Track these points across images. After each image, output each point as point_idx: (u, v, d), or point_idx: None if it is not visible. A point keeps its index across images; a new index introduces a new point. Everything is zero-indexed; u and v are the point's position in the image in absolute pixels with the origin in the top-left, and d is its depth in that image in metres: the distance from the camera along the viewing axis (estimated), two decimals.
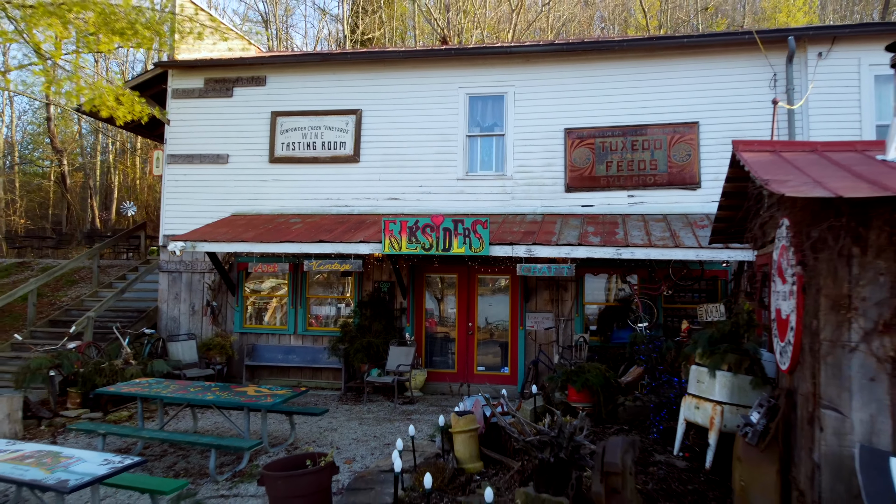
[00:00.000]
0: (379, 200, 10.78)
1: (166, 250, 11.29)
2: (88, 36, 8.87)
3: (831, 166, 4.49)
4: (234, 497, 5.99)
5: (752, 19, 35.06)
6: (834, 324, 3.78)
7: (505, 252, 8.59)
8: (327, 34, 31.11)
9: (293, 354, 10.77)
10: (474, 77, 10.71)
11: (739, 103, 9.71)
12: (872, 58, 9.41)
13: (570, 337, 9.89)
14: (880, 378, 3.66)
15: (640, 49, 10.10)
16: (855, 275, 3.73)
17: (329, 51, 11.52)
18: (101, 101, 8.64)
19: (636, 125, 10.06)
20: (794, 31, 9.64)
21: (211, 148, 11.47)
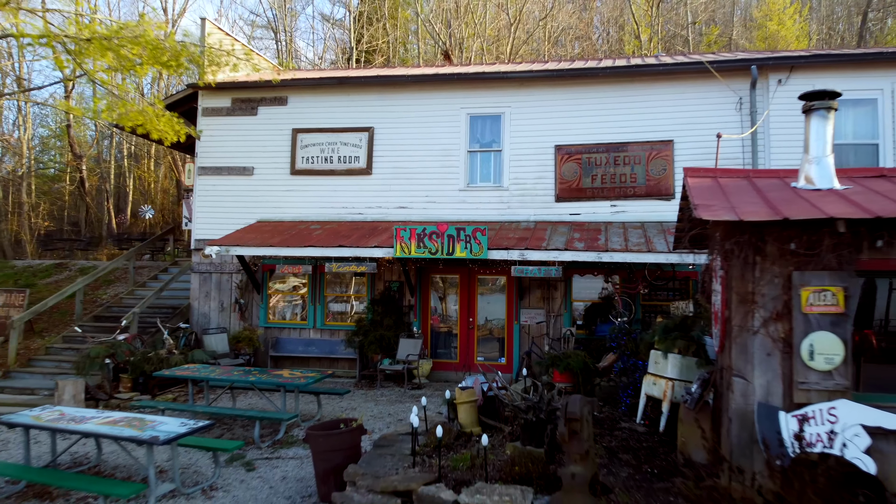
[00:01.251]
0: (389, 209, 12.07)
1: (198, 253, 12.60)
2: (137, 66, 10.14)
3: (751, 192, 5.77)
4: (275, 459, 7.29)
5: (744, 28, 36.33)
6: (742, 314, 5.07)
7: (501, 256, 9.87)
8: (334, 45, 32.36)
9: (313, 346, 12.06)
10: (474, 98, 11.99)
11: (710, 123, 10.95)
12: (826, 83, 10.63)
13: (559, 330, 11.17)
14: (774, 354, 4.95)
15: (621, 75, 11.38)
16: (756, 277, 5.02)
17: (344, 74, 12.73)
18: (151, 125, 9.94)
19: (618, 143, 11.34)
20: (757, 60, 10.91)
21: (238, 161, 12.75)
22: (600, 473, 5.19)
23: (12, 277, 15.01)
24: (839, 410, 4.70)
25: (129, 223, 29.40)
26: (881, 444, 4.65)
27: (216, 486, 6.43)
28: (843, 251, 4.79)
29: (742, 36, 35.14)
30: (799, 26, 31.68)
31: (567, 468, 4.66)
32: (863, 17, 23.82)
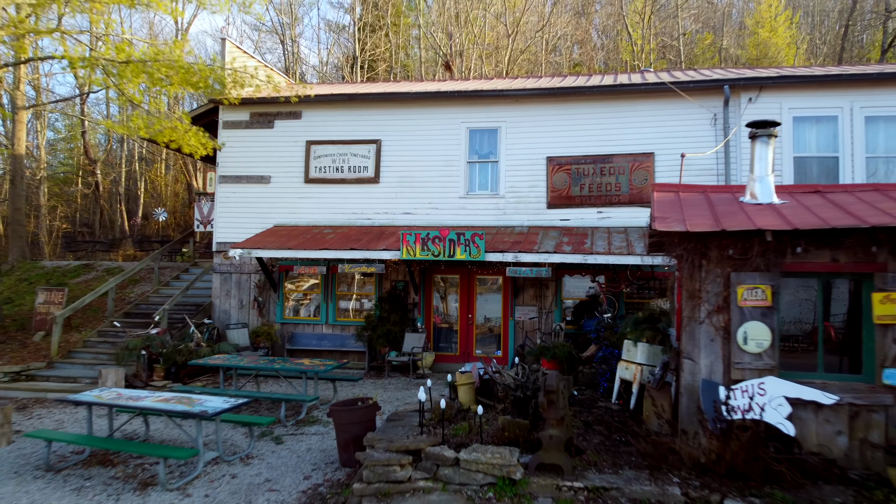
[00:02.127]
0: (395, 215, 13.17)
1: (219, 255, 13.72)
2: (168, 85, 11.25)
3: (704, 206, 6.88)
4: (299, 434, 8.41)
5: (734, 36, 37.39)
6: (690, 307, 6.18)
7: (497, 258, 10.98)
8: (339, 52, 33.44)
9: (325, 340, 13.17)
10: (473, 113, 13.10)
11: (687, 137, 12.07)
12: (791, 102, 11.82)
13: (550, 325, 12.27)
14: (716, 340, 6.05)
15: (607, 93, 12.49)
16: (702, 277, 6.13)
17: (354, 91, 13.78)
18: (183, 140, 11.06)
19: (604, 154, 12.45)
20: (730, 80, 12.01)
21: (256, 170, 13.86)
22: (575, 438, 6.30)
23: (44, 277, 16.11)
24: (767, 385, 5.81)
25: (140, 225, 30.51)
26: (800, 411, 5.77)
27: (252, 456, 7.55)
28: (770, 256, 5.91)
29: (735, 43, 36.26)
30: (790, 33, 32.75)
31: (546, 431, 5.76)
32: (844, 30, 24.91)
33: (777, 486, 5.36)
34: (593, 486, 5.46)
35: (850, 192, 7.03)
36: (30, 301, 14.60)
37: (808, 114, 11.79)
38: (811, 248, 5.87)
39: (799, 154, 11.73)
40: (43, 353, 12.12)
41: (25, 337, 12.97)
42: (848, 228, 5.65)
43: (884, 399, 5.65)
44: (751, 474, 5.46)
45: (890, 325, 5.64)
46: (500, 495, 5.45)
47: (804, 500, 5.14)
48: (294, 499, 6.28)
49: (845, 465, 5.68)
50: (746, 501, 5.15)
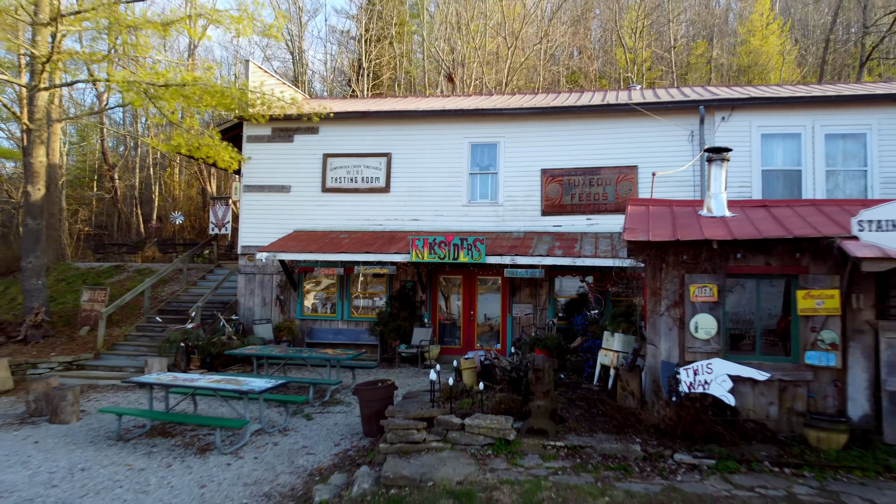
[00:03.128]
0: (404, 221, 14.55)
1: (243, 257, 15.10)
2: (203, 106, 12.63)
3: (667, 218, 8.25)
4: (326, 413, 9.79)
5: (725, 45, 38.65)
6: (653, 302, 7.55)
7: (496, 260, 12.36)
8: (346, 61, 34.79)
9: (341, 335, 14.54)
10: (475, 129, 14.48)
11: (667, 151, 13.43)
12: (759, 121, 13.18)
13: (544, 321, 13.65)
14: (673, 329, 7.43)
15: (595, 112, 13.86)
16: (662, 277, 7.50)
17: (366, 108, 15.09)
18: (218, 156, 12.45)
19: (593, 167, 13.82)
20: (704, 101, 13.36)
21: (277, 180, 15.24)
22: (559, 410, 7.67)
23: (80, 278, 17.49)
24: (714, 365, 7.18)
25: (155, 228, 31.89)
26: (739, 386, 7.14)
27: (288, 429, 8.93)
28: (717, 260, 7.29)
29: (727, 51, 37.57)
30: (780, 42, 34.07)
31: (534, 402, 7.14)
32: (825, 45, 26.26)
33: (718, 444, 6.74)
34: (572, 444, 6.84)
35: (790, 207, 8.41)
36: (71, 299, 15.99)
37: (774, 131, 13.16)
38: (749, 255, 7.25)
39: (767, 167, 13.10)
40: (89, 345, 13.50)
41: (72, 331, 14.35)
42: (777, 239, 7.03)
43: (806, 375, 7.03)
44: (697, 435, 6.84)
45: (810, 316, 7.01)
46: (497, 452, 6.83)
47: (737, 453, 6.52)
48: (328, 460, 7.67)
49: (774, 429, 7.06)
50: (692, 454, 6.53)
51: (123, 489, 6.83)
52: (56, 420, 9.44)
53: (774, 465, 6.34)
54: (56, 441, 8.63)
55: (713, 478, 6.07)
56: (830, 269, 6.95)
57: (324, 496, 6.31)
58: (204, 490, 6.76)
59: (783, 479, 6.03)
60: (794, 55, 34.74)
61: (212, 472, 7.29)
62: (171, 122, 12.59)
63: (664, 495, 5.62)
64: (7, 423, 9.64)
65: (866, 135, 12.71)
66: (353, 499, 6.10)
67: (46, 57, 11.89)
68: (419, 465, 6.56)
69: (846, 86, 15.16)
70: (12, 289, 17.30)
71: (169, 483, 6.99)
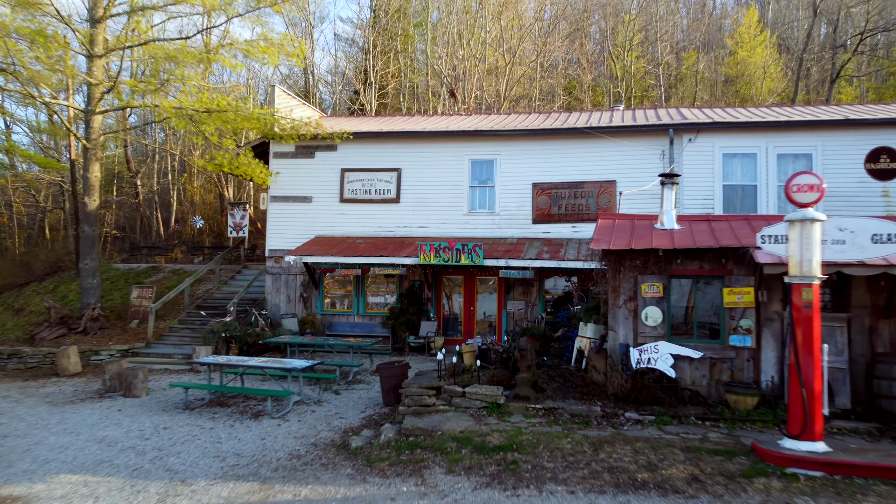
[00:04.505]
0: (412, 228, 16.58)
1: (271, 259, 17.14)
2: (238, 129, 14.67)
3: (628, 230, 10.27)
4: (350, 389, 11.83)
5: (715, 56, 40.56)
6: (614, 297, 9.58)
7: (493, 263, 14.38)
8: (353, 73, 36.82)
9: (357, 327, 16.58)
10: (475, 148, 16.51)
11: (641, 168, 15.43)
12: (721, 142, 15.19)
13: (534, 315, 15.68)
14: (629, 318, 9.46)
15: (580, 133, 15.88)
16: (621, 277, 9.54)
17: (379, 129, 17.01)
18: (254, 173, 14.50)
19: (577, 181, 15.85)
20: (674, 125, 15.38)
21: (300, 192, 17.29)
22: (540, 382, 9.71)
23: (122, 278, 19.52)
24: (660, 346, 9.21)
25: (176, 231, 33.93)
26: (679, 362, 9.17)
27: (321, 401, 10.96)
28: (662, 264, 9.32)
29: (716, 60, 39.51)
30: (767, 53, 36.01)
31: (520, 375, 9.18)
32: (799, 62, 28.26)
33: (660, 406, 8.77)
34: (548, 407, 8.88)
35: (727, 221, 10.44)
36: (117, 296, 18.03)
37: (734, 151, 15.18)
38: (687, 260, 9.29)
39: (727, 183, 15.12)
40: (140, 336, 15.54)
41: (124, 324, 16.39)
42: (708, 248, 9.06)
43: (730, 354, 9.06)
44: (644, 400, 8.88)
45: (733, 308, 9.04)
46: (490, 412, 8.87)
47: (673, 412, 8.56)
48: (357, 421, 9.71)
49: (705, 395, 9.09)
50: (638, 413, 8.57)
51: (202, 441, 8.87)
52: (129, 394, 11.49)
53: (700, 419, 8.38)
54: (135, 409, 10.68)
55: (651, 428, 8.12)
56: (748, 271, 8.98)
57: (358, 443, 8.34)
58: (264, 441, 8.80)
59: (703, 429, 8.07)
60: (781, 66, 36.63)
61: (267, 430, 9.33)
62: (210, 143, 14.62)
63: (611, 437, 7.66)
64: (89, 397, 11.70)
65: (812, 154, 14.73)
66: (381, 444, 8.13)
67: (109, 86, 13.95)
68: (430, 421, 8.60)
69: (797, 109, 17.14)
70: (61, 287, 19.36)
71: (236, 436, 9.03)
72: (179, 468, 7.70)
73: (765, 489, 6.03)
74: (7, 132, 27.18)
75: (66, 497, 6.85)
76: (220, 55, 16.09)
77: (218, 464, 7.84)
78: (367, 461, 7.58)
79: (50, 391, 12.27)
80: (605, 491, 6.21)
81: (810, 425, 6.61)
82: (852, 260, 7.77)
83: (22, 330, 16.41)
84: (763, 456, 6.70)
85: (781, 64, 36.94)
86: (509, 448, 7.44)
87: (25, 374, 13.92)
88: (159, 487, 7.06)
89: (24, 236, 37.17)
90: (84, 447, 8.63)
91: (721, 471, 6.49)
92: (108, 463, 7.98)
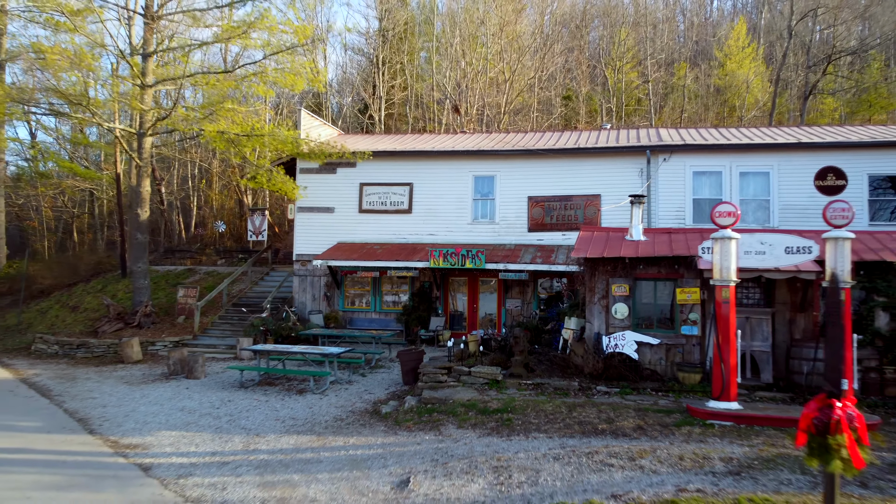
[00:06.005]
0: (423, 235, 18.91)
1: (298, 262, 19.48)
2: (272, 150, 17.00)
3: (603, 241, 12.58)
4: (374, 373, 14.17)
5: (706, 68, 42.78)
6: (590, 295, 11.91)
7: (493, 266, 16.70)
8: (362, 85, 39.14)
9: (374, 323, 18.91)
10: (477, 165, 18.84)
11: (622, 184, 17.71)
12: (692, 162, 17.50)
13: (529, 312, 17.99)
14: (602, 313, 11.79)
15: (569, 153, 18.19)
16: (596, 279, 11.86)
17: (393, 149, 19.27)
18: (287, 189, 16.84)
19: (567, 195, 18.16)
20: (649, 146, 17.68)
21: (323, 203, 19.62)
22: (531, 364, 12.03)
23: (162, 279, 21.86)
24: (626, 335, 11.53)
25: (199, 234, 36.28)
26: (641, 347, 11.49)
27: (352, 381, 13.29)
28: (628, 269, 11.65)
29: (705, 72, 41.76)
30: (754, 65, 38.24)
31: (514, 358, 11.51)
32: (776, 80, 30.54)
33: (625, 382, 11.09)
34: (536, 382, 11.21)
35: (684, 234, 12.76)
36: (161, 295, 20.38)
37: (703, 169, 17.49)
38: (648, 266, 11.61)
39: (697, 197, 17.42)
40: (187, 329, 17.88)
41: (171, 320, 18.73)
42: (664, 256, 11.38)
43: (681, 340, 11.38)
44: (613, 377, 11.20)
45: (683, 305, 11.36)
46: (491, 387, 11.19)
47: (634, 386, 10.88)
48: (384, 396, 12.03)
49: (662, 373, 11.41)
50: (607, 386, 10.89)
51: (262, 409, 11.21)
52: (191, 376, 13.84)
53: (654, 391, 10.70)
54: (199, 388, 13.02)
55: (615, 397, 10.44)
56: (695, 275, 11.30)
57: (387, 410, 10.68)
58: (311, 409, 11.13)
59: (655, 397, 10.40)
60: (766, 78, 38.83)
61: (311, 402, 11.67)
62: (249, 162, 16.94)
63: (583, 402, 9.99)
64: (156, 379, 14.04)
65: (769, 173, 17.04)
66: (405, 410, 10.46)
67: (166, 113, 16.31)
68: (443, 393, 10.93)
69: (758, 132, 19.40)
70: (109, 287, 21.71)
71: (288, 406, 11.37)
72: (251, 427, 10.04)
73: (688, 433, 8.36)
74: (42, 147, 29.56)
75: (174, 444, 9.20)
76: (254, 83, 18.42)
77: (279, 424, 10.18)
78: (396, 421, 9.91)
79: (122, 374, 14.61)
80: (573, 436, 8.54)
81: (727, 390, 8.93)
82: (770, 267, 10.09)
83: (82, 325, 18.77)
84: (693, 413, 9.02)
85: (768, 76, 39.17)
86: (505, 410, 9.77)
87: (94, 361, 16.27)
88: (240, 439, 9.40)
89: (54, 239, 39.61)
90: (170, 413, 10.98)
91: (660, 423, 8.82)
92: (193, 424, 10.33)
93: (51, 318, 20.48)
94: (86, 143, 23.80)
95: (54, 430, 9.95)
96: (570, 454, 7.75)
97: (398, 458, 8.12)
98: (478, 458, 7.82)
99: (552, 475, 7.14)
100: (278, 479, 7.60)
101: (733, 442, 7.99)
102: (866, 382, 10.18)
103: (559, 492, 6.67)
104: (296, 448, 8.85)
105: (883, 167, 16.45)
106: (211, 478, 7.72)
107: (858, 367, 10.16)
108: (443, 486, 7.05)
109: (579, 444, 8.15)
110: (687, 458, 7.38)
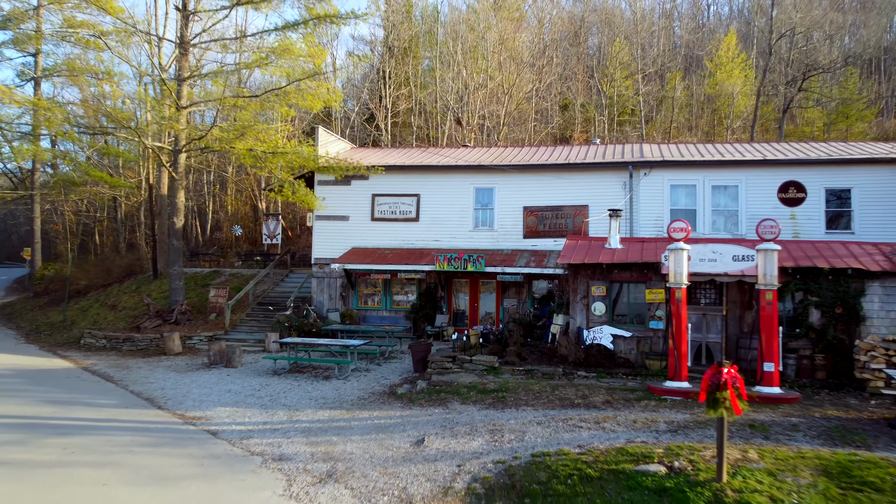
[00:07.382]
0: (429, 241, 21.01)
1: (316, 265, 21.61)
2: (294, 166, 19.10)
3: (585, 249, 14.68)
4: (387, 363, 16.29)
5: (697, 77, 44.76)
6: (573, 295, 14.01)
7: (492, 269, 18.80)
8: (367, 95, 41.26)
9: (385, 320, 21.03)
10: (478, 178, 20.93)
11: (608, 195, 19.79)
12: (669, 176, 19.58)
13: (524, 310, 20.09)
14: (583, 310, 13.89)
15: (560, 168, 20.28)
16: (578, 281, 13.96)
17: (402, 163, 21.36)
18: (309, 201, 18.95)
19: (558, 205, 20.25)
20: (632, 162, 19.75)
21: (339, 212, 21.73)
22: (523, 353, 14.13)
23: (191, 280, 23.97)
24: (603, 329, 13.64)
25: (216, 238, 38.43)
26: (616, 339, 13.60)
27: (369, 369, 15.40)
28: (606, 273, 13.75)
29: (696, 82, 43.78)
30: (744, 75, 40.24)
31: (509, 348, 13.62)
32: (756, 97, 32.59)
33: (602, 368, 13.18)
34: (527, 368, 13.31)
35: (655, 242, 14.85)
36: (192, 295, 22.50)
37: (680, 183, 19.56)
38: (622, 270, 13.71)
39: (674, 207, 19.48)
40: (219, 325, 19.99)
41: (204, 317, 20.84)
42: (635, 262, 13.47)
43: (649, 334, 13.48)
44: (592, 365, 13.30)
45: (652, 304, 13.45)
46: (489, 372, 13.29)
47: (609, 371, 12.98)
48: (398, 381, 14.13)
49: (633, 361, 13.51)
50: (587, 372, 12.99)
51: (295, 392, 13.32)
52: (229, 365, 15.95)
53: (625, 375, 12.80)
54: (238, 375, 15.14)
55: (592, 379, 12.54)
56: (661, 278, 13.38)
57: (402, 391, 12.79)
58: (338, 391, 13.24)
59: (625, 380, 12.50)
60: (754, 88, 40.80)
61: (337, 386, 13.78)
62: (274, 176, 19.06)
63: (565, 384, 12.10)
64: (199, 367, 16.16)
65: (738, 186, 19.11)
66: (417, 391, 12.57)
67: (204, 132, 18.44)
68: (448, 378, 13.04)
69: (730, 148, 21.44)
70: (143, 287, 23.84)
71: (318, 388, 13.48)
72: (290, 404, 12.16)
73: (645, 405, 10.46)
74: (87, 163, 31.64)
75: (230, 416, 11.32)
76: (276, 104, 20.55)
77: (313, 403, 12.29)
78: (410, 400, 12.03)
79: (168, 364, 16.74)
80: (554, 408, 10.65)
81: (679, 371, 11.03)
82: (720, 272, 12.18)
83: (123, 321, 20.91)
84: (652, 390, 11.13)
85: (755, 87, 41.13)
86: (500, 390, 11.88)
87: (138, 353, 18.40)
88: (283, 413, 11.52)
89: (76, 242, 41.78)
90: (220, 395, 13.10)
91: (624, 398, 10.93)
92: (242, 402, 12.45)
93: (92, 315, 22.62)
94: (116, 152, 25.82)
95: (130, 406, 12.08)
96: (549, 420, 9.86)
97: (414, 425, 10.23)
98: (477, 424, 9.94)
99: (535, 434, 9.25)
100: (320, 440, 9.71)
101: (679, 411, 10.09)
102: (801, 367, 12.28)
103: (539, 445, 8.78)
104: (330, 419, 10.96)
105: (838, 182, 18.53)
106: (267, 439, 9.84)
107: (794, 354, 12.26)
108: (451, 443, 9.16)
109: (558, 414, 10.26)
110: (640, 421, 9.49)
